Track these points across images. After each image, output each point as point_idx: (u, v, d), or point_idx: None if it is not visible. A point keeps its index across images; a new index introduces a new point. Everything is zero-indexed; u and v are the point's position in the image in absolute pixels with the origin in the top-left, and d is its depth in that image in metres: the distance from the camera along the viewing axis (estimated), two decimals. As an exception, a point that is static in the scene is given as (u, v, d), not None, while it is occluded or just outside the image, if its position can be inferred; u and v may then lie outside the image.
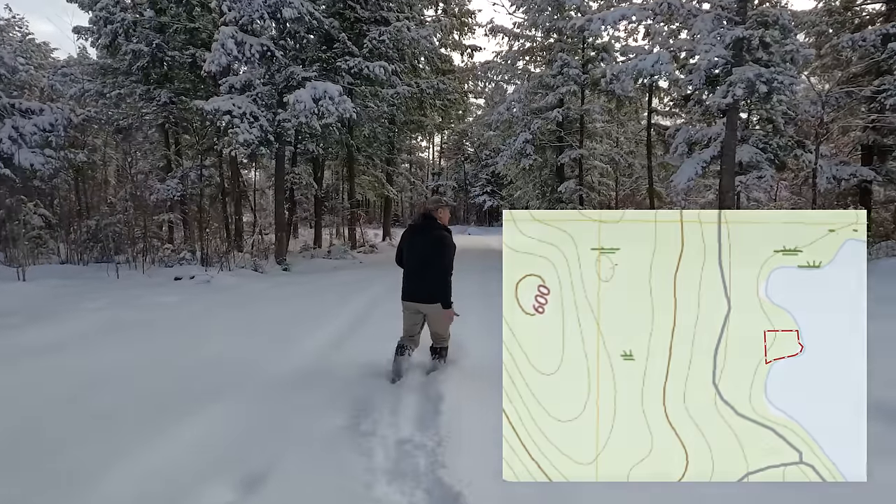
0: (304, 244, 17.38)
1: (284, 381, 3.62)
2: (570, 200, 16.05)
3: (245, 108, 9.68)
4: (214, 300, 6.55)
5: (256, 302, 6.52)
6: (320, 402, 3.16)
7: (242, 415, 3.03)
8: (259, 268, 9.94)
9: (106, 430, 2.80)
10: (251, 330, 5.03)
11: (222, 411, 3.08)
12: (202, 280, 7.84)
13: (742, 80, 8.18)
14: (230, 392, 3.38)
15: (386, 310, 5.81)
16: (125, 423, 2.90)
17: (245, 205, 15.69)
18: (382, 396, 3.23)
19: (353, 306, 6.27)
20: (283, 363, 4.03)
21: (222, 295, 7.01)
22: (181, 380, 3.64)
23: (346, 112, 9.49)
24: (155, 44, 13.24)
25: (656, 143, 17.18)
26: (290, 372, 3.81)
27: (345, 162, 17.97)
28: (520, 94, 15.53)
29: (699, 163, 12.85)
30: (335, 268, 11.98)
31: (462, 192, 45.51)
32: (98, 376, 3.71)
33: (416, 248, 3.61)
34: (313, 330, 5.05)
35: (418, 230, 3.65)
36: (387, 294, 7.33)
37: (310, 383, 3.55)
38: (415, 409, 3.02)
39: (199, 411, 3.05)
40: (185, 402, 3.17)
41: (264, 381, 3.60)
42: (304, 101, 9.58)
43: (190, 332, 4.95)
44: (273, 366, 3.95)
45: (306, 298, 6.89)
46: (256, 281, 8.47)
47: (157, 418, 2.93)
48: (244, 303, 6.45)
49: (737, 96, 8.27)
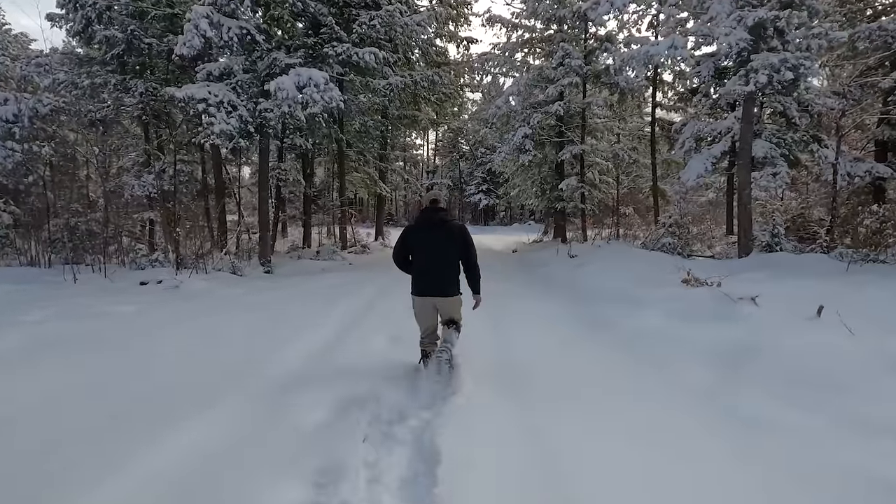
0: (292, 244, 16.57)
1: (240, 421, 2.86)
2: (570, 199, 15.34)
3: (222, 96, 8.87)
4: (177, 309, 5.75)
5: (225, 311, 5.71)
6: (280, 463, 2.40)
7: (183, 474, 2.27)
8: (238, 270, 9.13)
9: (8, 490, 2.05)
10: (209, 349, 4.25)
11: (158, 464, 2.32)
12: (170, 285, 7.04)
13: (765, 65, 7.47)
14: (168, 439, 2.61)
15: (372, 324, 5.08)
16: (38, 479, 2.14)
17: (229, 202, 14.85)
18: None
19: (337, 316, 5.51)
20: (243, 390, 3.27)
21: (189, 303, 6.21)
22: (115, 417, 2.88)
23: (332, 101, 8.70)
24: (131, 30, 12.37)
25: (660, 138, 16.50)
26: (248, 412, 3.04)
27: (335, 158, 17.16)
28: (518, 86, 14.78)
29: (708, 159, 12.17)
30: (322, 270, 11.19)
31: (457, 190, 44.75)
32: (13, 411, 2.95)
33: (438, 241, 3.53)
34: (282, 346, 4.31)
35: (436, 223, 3.56)
36: (377, 300, 6.57)
37: (275, 424, 2.79)
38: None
39: (128, 465, 2.29)
40: (116, 449, 2.43)
41: (215, 422, 2.83)
42: (286, 88, 8.79)
43: (137, 352, 4.17)
44: (231, 396, 3.19)
45: (284, 306, 6.11)
46: (232, 285, 7.67)
47: (79, 474, 2.17)
48: (211, 312, 5.65)
49: (760, 84, 7.56)
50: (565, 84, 14.08)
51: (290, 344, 4.39)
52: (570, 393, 3.26)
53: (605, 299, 5.86)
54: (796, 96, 8.18)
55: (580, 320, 5.36)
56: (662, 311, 4.92)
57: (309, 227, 17.06)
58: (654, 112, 15.73)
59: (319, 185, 22.13)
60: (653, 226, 16.42)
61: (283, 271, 10.72)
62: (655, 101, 15.67)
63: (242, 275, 9.03)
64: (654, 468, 2.32)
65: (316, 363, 3.95)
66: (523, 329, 4.98)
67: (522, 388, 3.35)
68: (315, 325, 5.11)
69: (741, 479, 2.29)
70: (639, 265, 8.18)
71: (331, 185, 20.48)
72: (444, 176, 44.93)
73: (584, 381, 3.54)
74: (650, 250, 10.76)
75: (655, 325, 4.61)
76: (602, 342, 4.55)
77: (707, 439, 2.65)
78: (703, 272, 6.83)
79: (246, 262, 11.89)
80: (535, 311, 5.86)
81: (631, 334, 4.55)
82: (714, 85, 13.97)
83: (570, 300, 6.39)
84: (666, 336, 4.33)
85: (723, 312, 4.81)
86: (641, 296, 5.52)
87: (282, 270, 10.83)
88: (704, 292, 5.41)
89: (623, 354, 4.16)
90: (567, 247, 12.83)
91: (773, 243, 9.70)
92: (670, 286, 5.88)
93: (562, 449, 2.49)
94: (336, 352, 4.26)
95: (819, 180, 13.49)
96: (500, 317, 5.50)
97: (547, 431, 2.69)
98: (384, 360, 3.95)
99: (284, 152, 15.46)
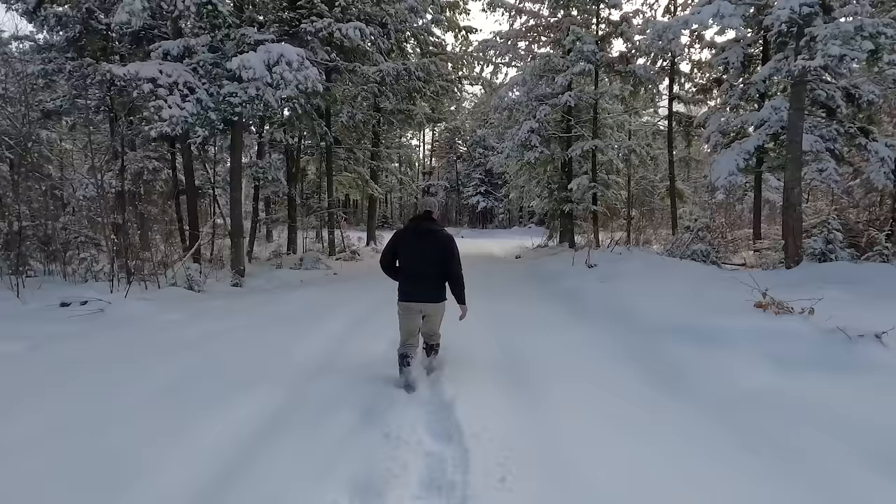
0: (275, 250, 15.06)
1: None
2: (581, 200, 13.91)
3: (177, 76, 7.39)
4: (81, 350, 4.19)
5: (145, 354, 4.04)
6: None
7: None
8: (195, 285, 7.59)
9: None
10: (88, 432, 2.74)
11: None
12: (95, 308, 5.54)
13: (838, 34, 6.05)
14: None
15: (338, 391, 3.48)
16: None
17: (200, 204, 13.34)
18: None
19: (293, 366, 3.90)
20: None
21: (105, 337, 4.67)
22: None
23: (307, 81, 7.22)
24: (86, 8, 10.88)
25: (677, 134, 15.13)
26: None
27: (323, 155, 15.68)
28: (524, 75, 13.35)
29: (739, 154, 10.75)
30: (301, 282, 9.71)
31: (454, 192, 43.27)
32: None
33: (424, 250, 3.60)
34: (164, 454, 2.51)
35: (423, 232, 3.63)
36: (356, 331, 5.07)
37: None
38: None
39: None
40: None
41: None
42: (253, 66, 7.33)
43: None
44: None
45: (224, 344, 4.42)
46: (178, 307, 6.14)
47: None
48: (125, 354, 4.07)
49: (830, 56, 6.13)
50: (575, 72, 12.66)
51: (178, 447, 2.59)
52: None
53: (659, 331, 4.39)
54: (888, 66, 6.71)
55: (636, 368, 3.86)
56: (756, 355, 3.46)
57: (294, 231, 15.57)
58: (672, 105, 14.36)
59: (309, 185, 20.62)
60: (668, 230, 15.05)
61: (255, 284, 9.22)
62: (673, 93, 14.29)
63: (201, 290, 7.52)
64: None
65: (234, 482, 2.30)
66: (567, 390, 3.38)
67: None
68: (250, 388, 3.38)
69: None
70: (678, 280, 6.74)
71: (320, 185, 19.01)
72: (440, 178, 43.48)
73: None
74: (678, 258, 9.32)
75: (759, 381, 3.15)
76: (687, 416, 2.96)
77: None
78: (760, 288, 5.43)
79: (218, 270, 10.41)
80: (573, 357, 4.22)
81: (726, 398, 3.04)
82: (742, 73, 12.62)
83: (611, 333, 4.86)
84: (785, 404, 2.85)
85: (841, 358, 3.39)
86: (711, 327, 4.06)
87: (254, 283, 9.33)
88: (799, 324, 3.97)
89: (733, 447, 2.58)
90: (580, 254, 11.40)
91: (826, 251, 8.28)
92: (742, 312, 4.43)
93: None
94: (254, 476, 2.38)
95: (858, 178, 12.09)
96: (522, 364, 4.01)
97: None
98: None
99: (265, 148, 13.94)
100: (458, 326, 3.90)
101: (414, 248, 3.59)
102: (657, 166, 17.16)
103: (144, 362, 3.86)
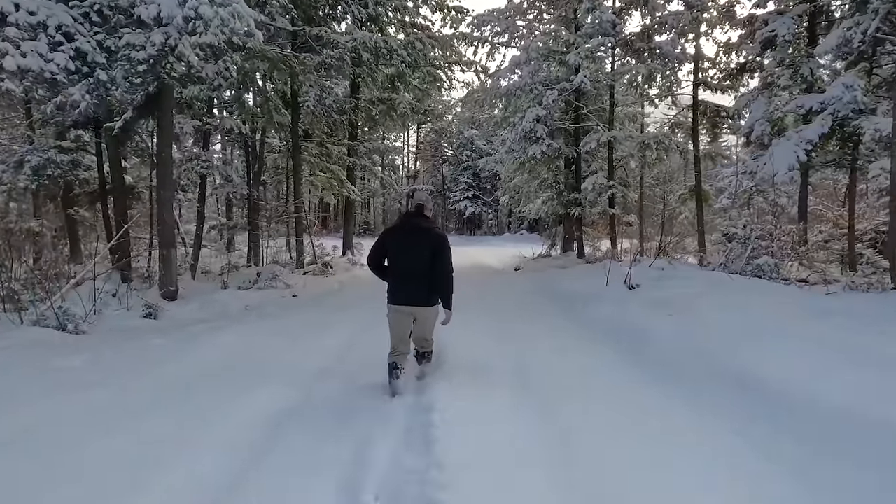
0: (232, 262, 12.58)
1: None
2: (595, 203, 11.76)
3: (45, 15, 5.01)
4: None
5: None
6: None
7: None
8: (71, 321, 5.08)
9: None
10: None
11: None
12: None
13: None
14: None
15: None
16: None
17: (132, 206, 10.84)
18: None
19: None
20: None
21: None
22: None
23: (235, 20, 4.91)
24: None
25: (702, 126, 13.16)
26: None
27: (288, 150, 13.32)
28: (527, 53, 11.19)
29: (799, 144, 8.74)
30: (247, 308, 7.35)
31: (440, 196, 41.01)
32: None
33: (416, 250, 3.38)
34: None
35: (416, 231, 3.44)
36: (289, 432, 2.75)
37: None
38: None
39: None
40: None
41: None
42: (159, 1, 4.99)
43: None
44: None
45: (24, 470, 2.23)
46: (13, 365, 3.74)
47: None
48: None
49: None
50: (590, 47, 10.52)
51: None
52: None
53: (844, 428, 2.21)
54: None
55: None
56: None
57: (256, 239, 13.14)
58: (696, 92, 12.37)
59: (276, 185, 18.20)
60: (692, 238, 13.04)
61: (182, 312, 6.83)
62: (698, 78, 12.31)
63: (80, 331, 5.07)
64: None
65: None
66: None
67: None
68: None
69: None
70: (778, 312, 4.59)
71: (287, 185, 16.61)
72: (426, 181, 41.20)
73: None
74: (738, 275, 7.17)
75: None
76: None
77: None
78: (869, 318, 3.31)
79: (148, 289, 7.98)
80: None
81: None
82: (757, 55, 10.70)
83: (744, 433, 2.57)
84: None
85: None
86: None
87: (181, 310, 6.94)
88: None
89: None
90: (597, 267, 9.25)
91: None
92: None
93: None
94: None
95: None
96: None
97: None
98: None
99: (212, 138, 11.52)
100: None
101: (404, 247, 3.44)
102: (672, 164, 15.16)
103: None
